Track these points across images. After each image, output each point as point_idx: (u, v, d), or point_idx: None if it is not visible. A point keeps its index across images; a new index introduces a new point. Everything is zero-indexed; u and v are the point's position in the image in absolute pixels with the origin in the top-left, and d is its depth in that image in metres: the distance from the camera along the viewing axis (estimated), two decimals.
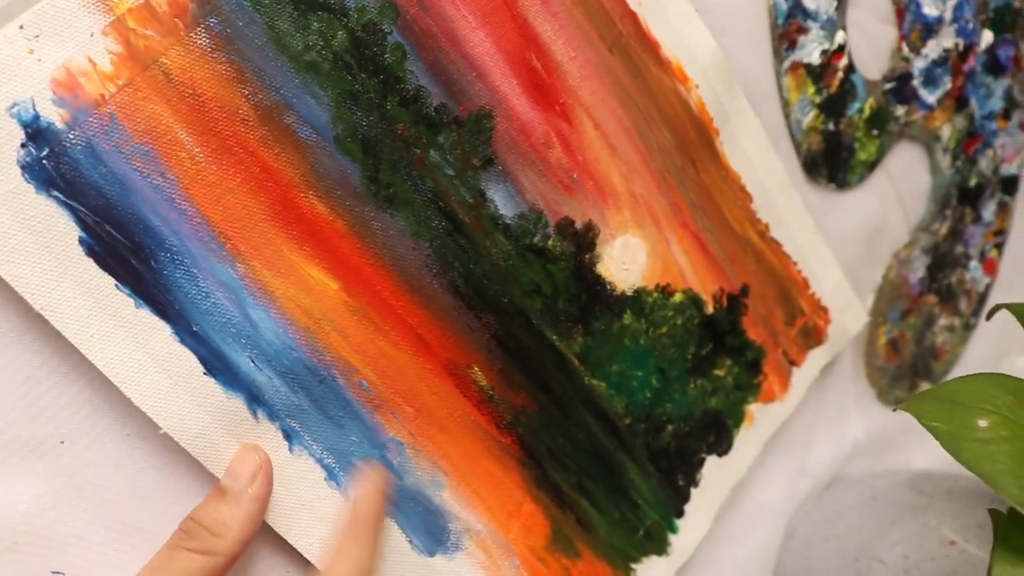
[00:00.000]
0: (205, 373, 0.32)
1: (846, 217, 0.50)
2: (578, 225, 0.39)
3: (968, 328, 0.59)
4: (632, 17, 0.39)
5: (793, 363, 0.47)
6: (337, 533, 0.34)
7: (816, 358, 0.48)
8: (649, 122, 0.40)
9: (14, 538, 0.31)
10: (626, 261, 0.40)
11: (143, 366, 0.31)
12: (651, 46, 0.40)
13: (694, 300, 0.43)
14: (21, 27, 0.28)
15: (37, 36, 0.28)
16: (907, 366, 0.56)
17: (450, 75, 0.35)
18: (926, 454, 0.56)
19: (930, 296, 0.55)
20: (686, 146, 0.41)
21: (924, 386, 0.57)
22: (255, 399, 0.33)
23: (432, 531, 0.37)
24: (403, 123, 0.34)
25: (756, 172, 0.44)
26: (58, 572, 0.31)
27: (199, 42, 0.30)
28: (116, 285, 0.30)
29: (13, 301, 0.29)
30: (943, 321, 0.57)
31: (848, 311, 0.49)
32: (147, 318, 0.31)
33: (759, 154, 0.44)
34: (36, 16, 0.28)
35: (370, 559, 0.34)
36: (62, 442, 0.31)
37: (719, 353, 0.44)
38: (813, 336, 0.48)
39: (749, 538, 0.49)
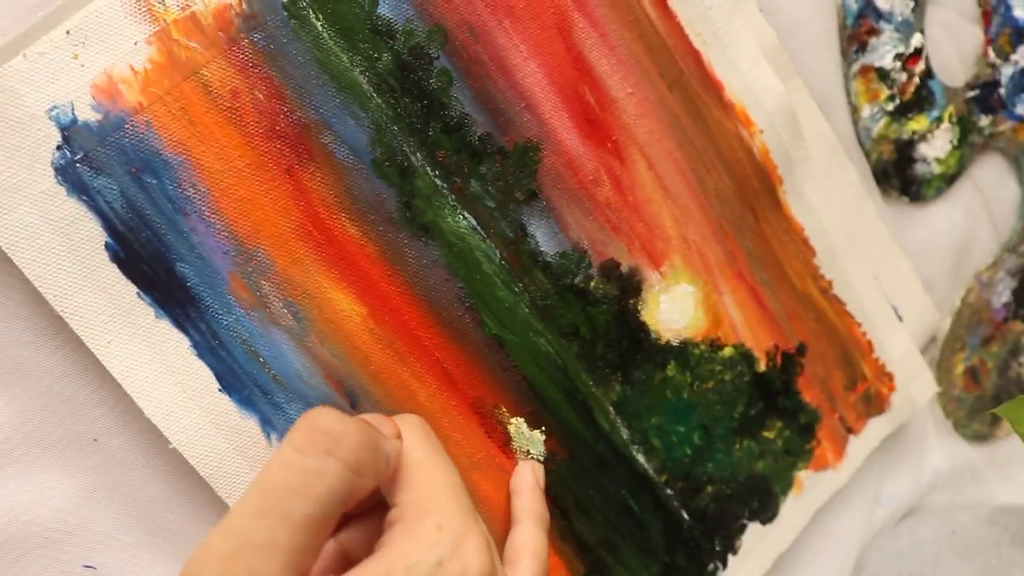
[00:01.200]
0: (220, 390, 0.31)
1: (928, 231, 0.47)
2: (624, 268, 0.37)
3: None
4: (695, 56, 0.37)
5: (851, 431, 0.44)
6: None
7: (877, 428, 0.45)
8: (708, 166, 0.38)
9: (45, 533, 0.31)
10: (673, 309, 0.39)
11: (158, 377, 0.30)
12: (714, 87, 0.38)
13: (745, 356, 0.41)
14: (68, 32, 0.28)
15: (83, 42, 0.28)
16: (988, 398, 0.51)
17: (497, 104, 0.34)
18: (1014, 490, 0.52)
19: (1016, 323, 0.51)
20: (746, 193, 0.39)
21: (1007, 425, 0.52)
22: (269, 423, 0.32)
23: None
24: (444, 150, 0.33)
25: (821, 225, 0.41)
26: (89, 566, 0.31)
27: (241, 56, 0.30)
28: (138, 293, 0.30)
29: None
30: None
31: (916, 380, 0.45)
32: (166, 329, 0.30)
33: (825, 206, 0.41)
34: (83, 22, 0.28)
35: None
36: (95, 440, 0.31)
37: (769, 414, 0.42)
38: (875, 404, 0.44)
39: (815, 571, 0.46)
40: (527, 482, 0.35)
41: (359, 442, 0.26)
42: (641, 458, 0.39)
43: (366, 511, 0.30)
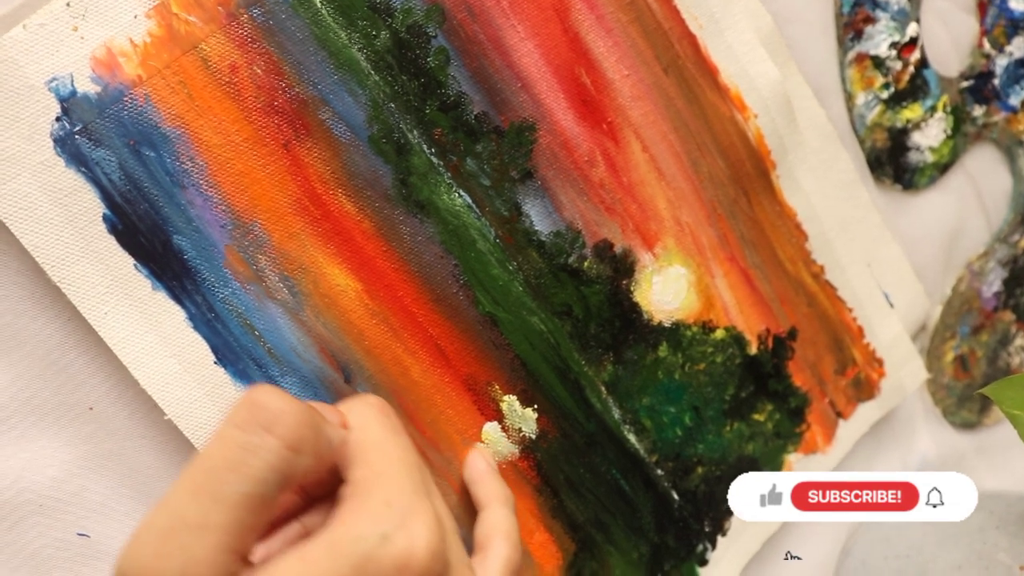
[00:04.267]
0: (216, 362, 0.31)
1: (920, 219, 0.48)
2: (617, 249, 0.37)
3: None
4: (691, 39, 0.38)
5: (840, 415, 0.44)
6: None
7: (866, 413, 0.45)
8: (702, 149, 0.39)
9: (40, 501, 0.31)
10: (666, 291, 0.39)
11: (154, 349, 0.30)
12: (709, 71, 0.38)
13: (737, 338, 0.41)
14: (68, 4, 0.28)
15: (83, 14, 0.29)
16: (977, 387, 0.52)
17: (494, 84, 0.34)
18: (1001, 477, 0.53)
19: (1006, 312, 0.52)
20: (740, 177, 0.40)
21: (996, 411, 0.53)
22: None
23: None
24: (441, 128, 0.33)
25: (814, 210, 0.42)
26: (83, 534, 0.32)
27: (240, 31, 0.30)
28: (135, 265, 0.30)
29: None
30: (1020, 341, 0.53)
31: (906, 366, 0.46)
32: (163, 301, 0.30)
33: (818, 192, 0.42)
34: None
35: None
36: (91, 408, 0.31)
37: (760, 397, 0.42)
38: (865, 389, 0.45)
39: (802, 555, 0.46)
40: (480, 469, 0.35)
41: (299, 420, 0.25)
42: (632, 438, 0.39)
43: (330, 494, 0.30)
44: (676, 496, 0.40)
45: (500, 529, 0.32)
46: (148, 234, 0.30)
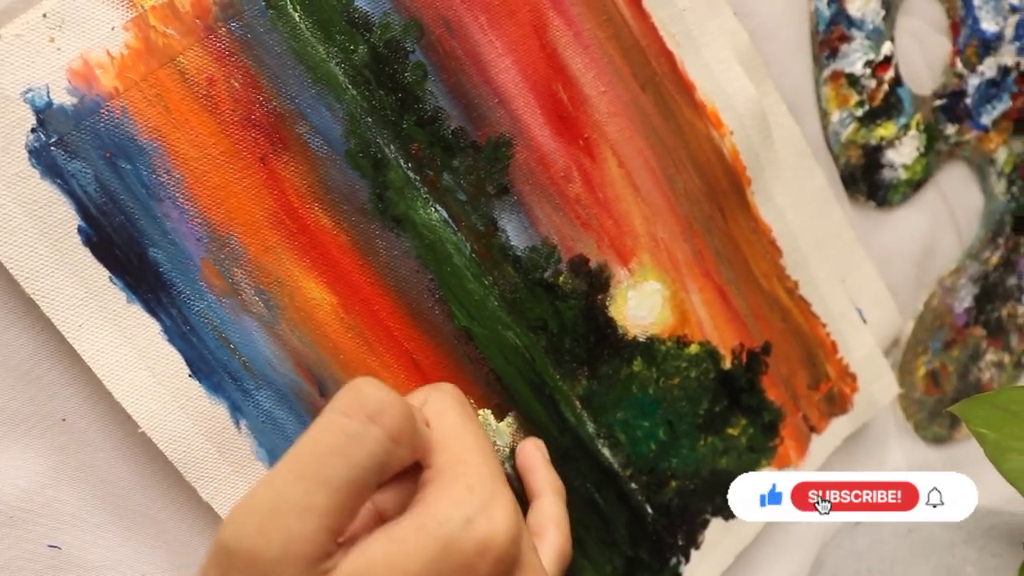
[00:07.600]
0: (191, 375, 0.31)
1: (893, 235, 0.49)
2: (592, 264, 0.38)
3: (1019, 366, 0.55)
4: (668, 57, 0.38)
5: (813, 429, 0.45)
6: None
7: (839, 427, 0.46)
8: (678, 165, 0.39)
9: (10, 512, 0.31)
10: (641, 306, 0.39)
11: (129, 361, 0.30)
12: (686, 88, 0.39)
13: (711, 353, 0.41)
14: (44, 15, 0.28)
15: (59, 26, 0.29)
16: (948, 401, 0.52)
17: (471, 99, 0.34)
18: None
19: (977, 328, 0.52)
20: (715, 193, 0.40)
21: (966, 426, 0.54)
22: (239, 409, 0.32)
23: None
24: (418, 143, 0.34)
25: (788, 226, 0.42)
26: (54, 546, 0.32)
27: (218, 44, 0.30)
28: (110, 278, 0.30)
29: None
30: (991, 356, 0.54)
31: (878, 381, 0.46)
32: (138, 314, 0.30)
33: (793, 208, 0.42)
34: (60, 5, 0.28)
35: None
36: (63, 420, 0.31)
37: (734, 411, 0.42)
38: (838, 403, 0.45)
39: (775, 569, 0.47)
40: (538, 458, 0.36)
41: (402, 413, 0.26)
42: (606, 452, 0.39)
43: (401, 473, 0.30)
44: (650, 510, 0.41)
45: (554, 519, 0.34)
46: (123, 246, 0.30)
